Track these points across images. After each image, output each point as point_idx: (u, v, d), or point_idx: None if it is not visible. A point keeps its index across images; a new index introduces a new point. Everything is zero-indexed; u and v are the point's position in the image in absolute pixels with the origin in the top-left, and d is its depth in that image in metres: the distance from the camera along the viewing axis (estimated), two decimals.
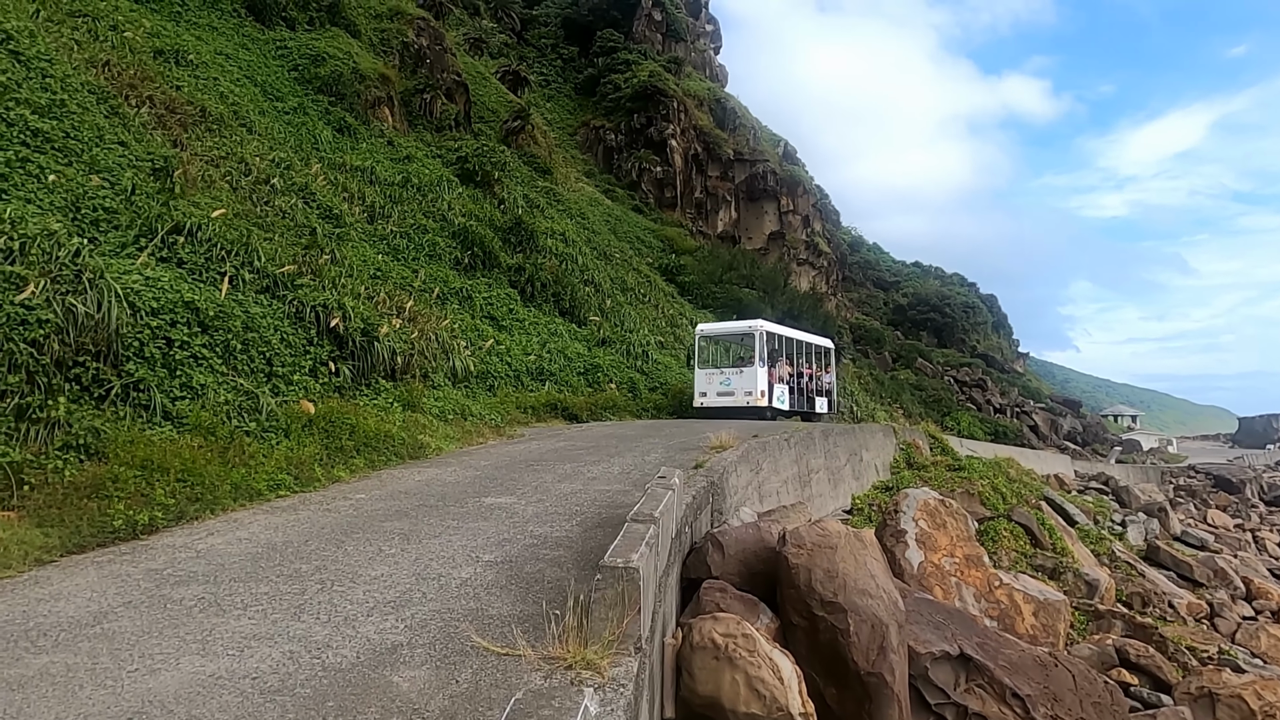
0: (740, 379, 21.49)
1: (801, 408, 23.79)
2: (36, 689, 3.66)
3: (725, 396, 21.21)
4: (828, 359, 27.72)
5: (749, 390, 21.23)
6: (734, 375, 21.67)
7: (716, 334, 24.09)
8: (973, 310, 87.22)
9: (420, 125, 29.75)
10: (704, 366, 22.51)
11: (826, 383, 26.77)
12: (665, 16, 63.45)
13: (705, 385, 21.66)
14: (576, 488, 9.22)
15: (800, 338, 25.59)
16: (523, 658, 4.02)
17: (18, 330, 7.48)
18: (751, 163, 58.22)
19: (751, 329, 22.48)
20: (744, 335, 23.19)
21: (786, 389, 23.01)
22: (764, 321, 23.27)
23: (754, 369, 21.55)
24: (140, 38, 17.99)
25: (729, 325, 24.99)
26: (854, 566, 7.06)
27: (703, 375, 21.94)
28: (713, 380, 21.63)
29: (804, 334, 26.63)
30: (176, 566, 5.76)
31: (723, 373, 21.92)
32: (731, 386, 21.34)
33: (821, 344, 27.29)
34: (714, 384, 21.54)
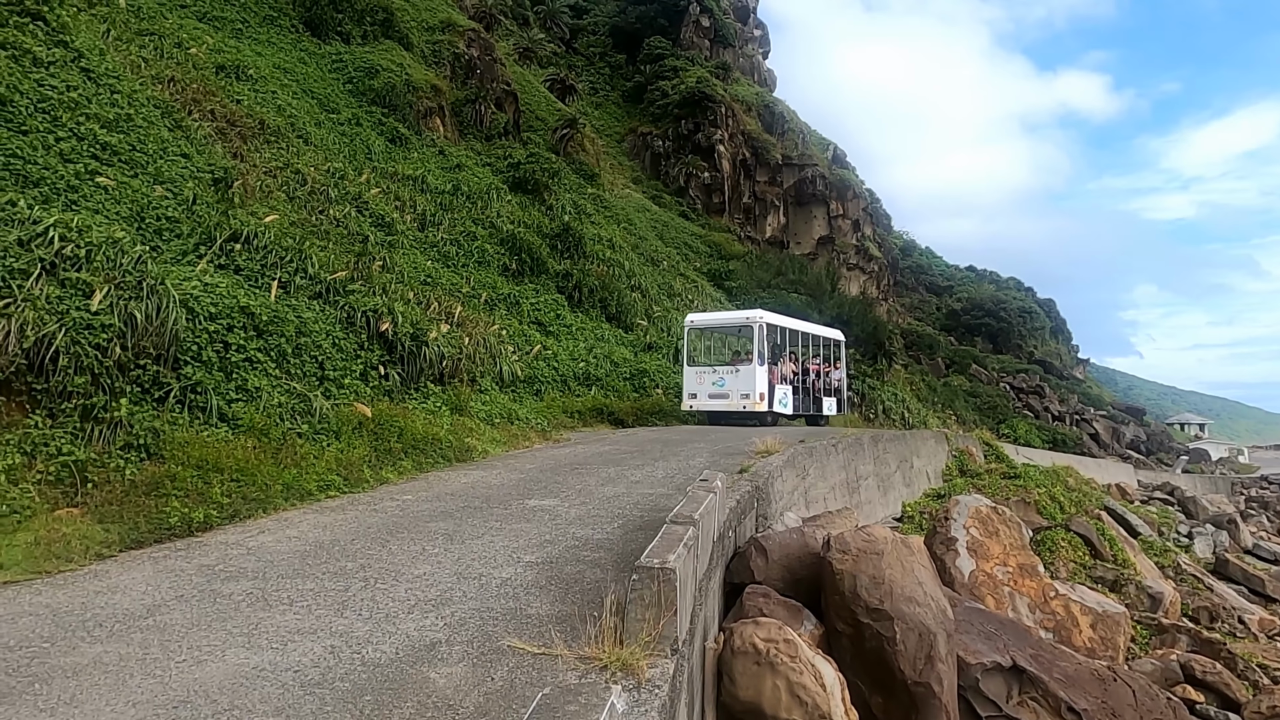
0: (736, 379, 18.76)
1: (807, 410, 21.39)
2: (90, 677, 3.79)
3: (718, 399, 18.66)
4: (837, 353, 24.59)
5: (746, 392, 18.54)
6: (729, 375, 18.88)
7: (709, 325, 21.37)
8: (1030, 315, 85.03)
9: (470, 134, 30.21)
10: (694, 364, 19.77)
11: (835, 380, 23.69)
12: (713, 22, 63.42)
13: (695, 385, 18.98)
14: (619, 491, 9.22)
15: (806, 329, 22.63)
16: (558, 657, 4.02)
17: (84, 334, 7.78)
18: (800, 167, 57.74)
19: (750, 321, 19.46)
20: (741, 328, 20.19)
21: (789, 390, 20.34)
22: (765, 312, 20.20)
23: (752, 368, 18.71)
24: (203, 54, 18.64)
25: (724, 316, 22.47)
26: (901, 573, 6.91)
27: (692, 374, 19.22)
28: (704, 380, 18.98)
29: (810, 325, 23.55)
30: (228, 563, 5.91)
31: (716, 371, 19.09)
32: (726, 387, 18.72)
33: (830, 336, 24.22)
34: (705, 384, 18.87)
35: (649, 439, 15.10)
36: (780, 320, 20.99)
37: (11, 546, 5.83)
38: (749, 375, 18.67)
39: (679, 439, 15.18)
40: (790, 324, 21.56)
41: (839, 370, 24.17)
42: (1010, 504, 15.41)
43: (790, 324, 21.56)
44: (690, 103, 52.59)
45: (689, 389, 18.91)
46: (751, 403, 18.46)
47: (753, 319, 19.36)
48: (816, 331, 23.21)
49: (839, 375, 24.05)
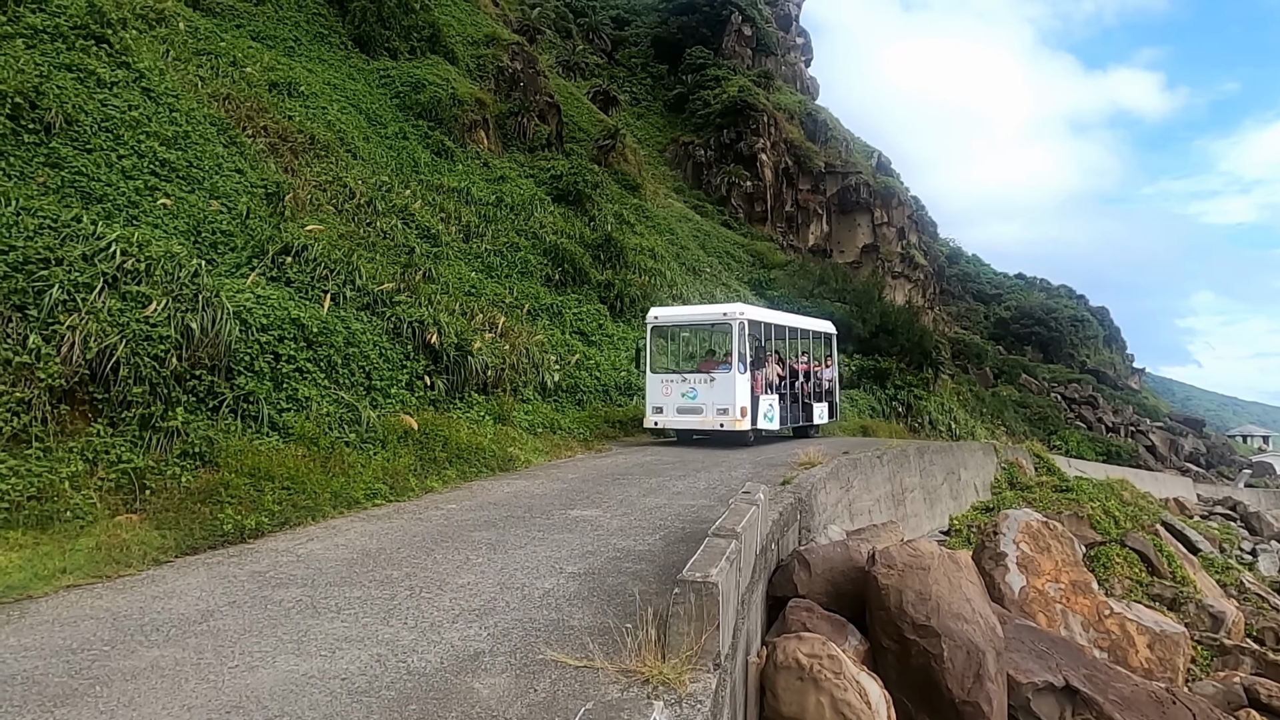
0: (711, 389, 15.28)
1: (795, 421, 18.11)
2: (147, 680, 3.90)
3: (689, 415, 15.32)
4: (828, 348, 21.31)
5: (724, 406, 15.09)
6: (702, 384, 15.37)
7: (677, 322, 17.37)
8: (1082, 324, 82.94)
9: (514, 146, 30.57)
10: (660, 370, 16.27)
11: (826, 381, 20.42)
12: (755, 31, 63.31)
13: (660, 397, 15.55)
14: (661, 502, 9.22)
15: (792, 323, 19.28)
16: (600, 670, 4.02)
17: (143, 346, 8.04)
18: (843, 175, 57.25)
19: (728, 317, 15.89)
20: (716, 325, 16.94)
21: (775, 399, 16.97)
22: (745, 306, 16.94)
23: (731, 375, 15.20)
24: (257, 72, 19.18)
25: (695, 310, 18.47)
26: (948, 589, 6.78)
27: (657, 382, 15.70)
28: (671, 390, 15.48)
29: (795, 318, 20.34)
30: (278, 570, 6.04)
31: (686, 379, 15.59)
32: (698, 400, 15.28)
33: (818, 329, 20.67)
34: (673, 395, 15.42)
35: (690, 449, 15.07)
36: (763, 314, 17.75)
37: (74, 551, 6.04)
38: (727, 384, 15.16)
39: (721, 450, 15.12)
40: (774, 318, 18.30)
41: (830, 369, 20.93)
42: (1062, 518, 15.01)
43: (774, 318, 18.30)
44: (732, 112, 52.50)
45: (653, 400, 15.63)
46: (731, 419, 14.99)
47: (731, 315, 15.79)
48: (803, 324, 19.88)
49: (830, 375, 20.78)
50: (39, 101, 11.02)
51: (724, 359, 16.26)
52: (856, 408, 29.56)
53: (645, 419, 15.71)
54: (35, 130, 10.87)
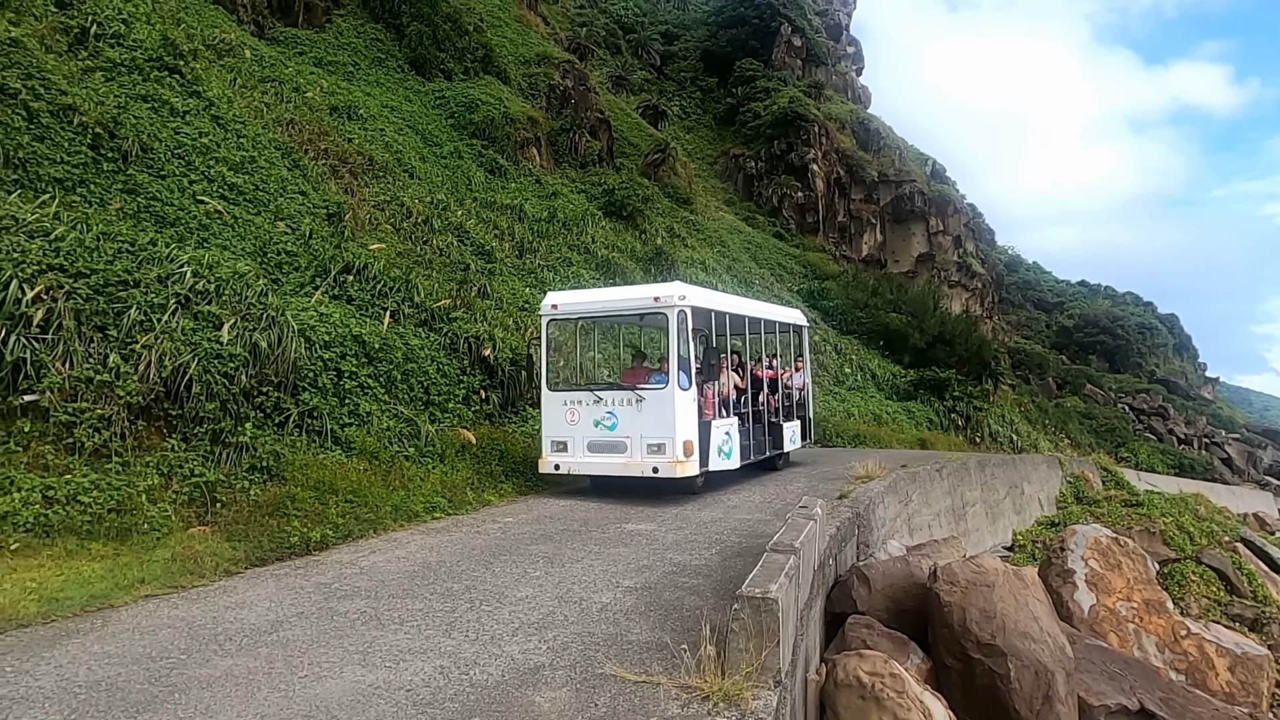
0: (639, 414, 10.29)
1: (760, 451, 12.68)
2: (222, 688, 4.03)
3: (607, 454, 10.42)
4: (798, 345, 16.11)
5: (658, 439, 10.13)
6: (625, 406, 10.41)
7: (587, 311, 11.71)
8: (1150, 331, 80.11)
9: (566, 163, 30.93)
10: (561, 386, 11.45)
11: (797, 391, 15.11)
12: (805, 42, 63.04)
13: (563, 427, 10.66)
14: (716, 516, 9.18)
15: (754, 312, 13.92)
16: (660, 686, 4.02)
17: (214, 364, 8.34)
18: (897, 184, 56.49)
19: (662, 302, 10.58)
20: (646, 314, 11.58)
21: (733, 424, 11.65)
22: (688, 287, 11.22)
23: (669, 393, 10.21)
24: (318, 96, 19.80)
25: (613, 295, 12.13)
26: (1014, 607, 6.60)
27: (557, 404, 10.78)
28: (579, 416, 10.57)
29: (757, 304, 15.30)
30: (343, 581, 6.18)
31: (601, 400, 10.54)
32: (619, 430, 10.39)
33: (787, 320, 15.46)
34: (582, 424, 10.55)
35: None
36: (713, 299, 12.09)
37: (152, 562, 6.28)
38: (663, 406, 10.16)
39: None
40: (728, 304, 12.82)
41: (802, 374, 15.51)
42: (1133, 534, 14.49)
43: (728, 304, 12.82)
44: (782, 123, 52.29)
45: (552, 431, 10.68)
46: (669, 459, 9.98)
47: (666, 299, 10.51)
48: (767, 313, 14.65)
49: (802, 382, 15.36)
50: (117, 131, 11.56)
51: (658, 366, 11.21)
52: (914, 419, 29.02)
53: (541, 459, 10.61)
54: (114, 159, 11.39)
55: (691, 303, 10.62)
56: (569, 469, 10.62)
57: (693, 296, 10.77)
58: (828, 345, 33.13)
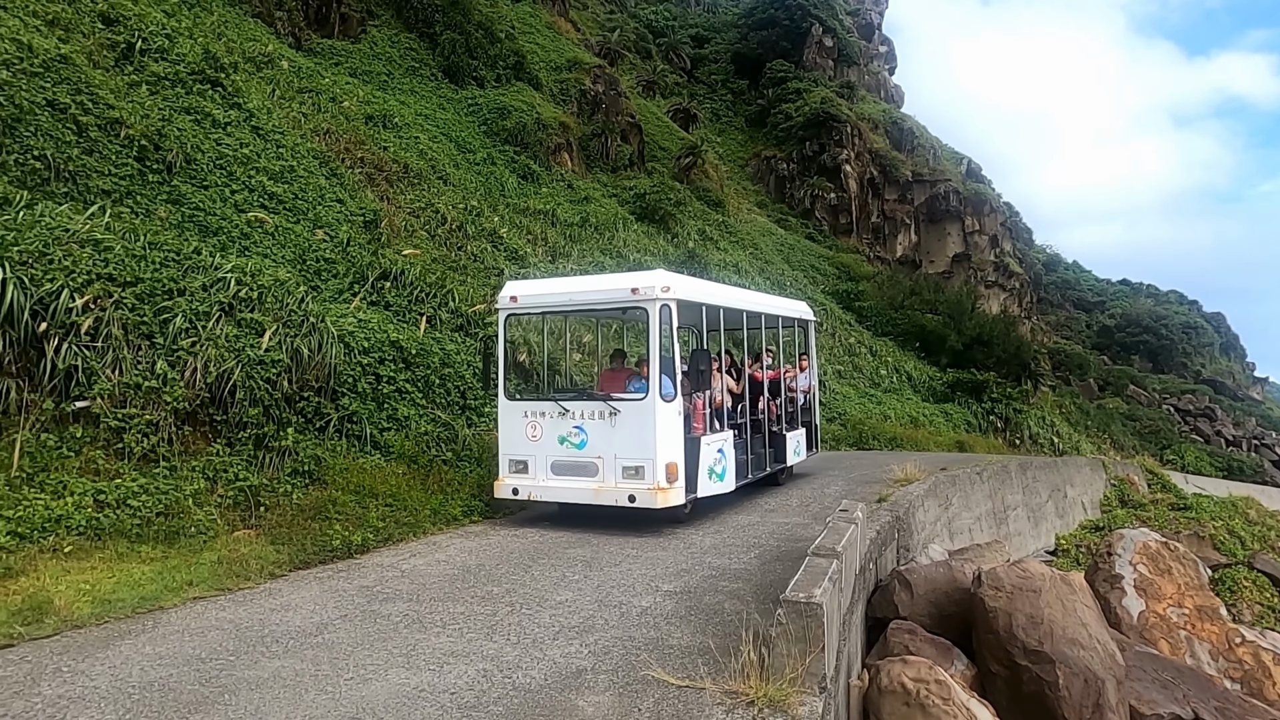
0: (613, 430, 8.68)
1: (759, 467, 10.98)
2: (271, 690, 4.09)
3: (575, 477, 8.75)
4: (803, 341, 14.02)
5: (635, 460, 8.50)
6: (596, 420, 8.82)
7: (552, 304, 9.79)
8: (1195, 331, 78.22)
9: (597, 167, 31.03)
10: (521, 394, 10.43)
11: (802, 393, 13.24)
12: (836, 42, 62.62)
13: (524, 443, 9.06)
14: (753, 519, 9.12)
15: (753, 304, 11.78)
16: (704, 690, 4.00)
17: (257, 370, 8.49)
18: (931, 183, 55.83)
19: (641, 295, 8.80)
20: (626, 309, 9.72)
21: (728, 438, 9.83)
22: (670, 275, 9.19)
23: (649, 403, 8.55)
24: (354, 106, 20.10)
25: (584, 286, 10.08)
26: (1061, 613, 6.46)
27: (516, 416, 9.19)
28: (542, 431, 9.00)
29: (756, 296, 13.18)
30: (384, 584, 6.24)
31: (567, 411, 8.92)
32: (588, 449, 8.77)
33: (791, 313, 13.30)
34: (545, 440, 8.98)
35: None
36: (702, 291, 10.26)
37: (199, 564, 6.40)
38: (641, 420, 8.51)
39: (812, 466, 14.85)
40: (721, 296, 10.82)
41: (807, 374, 13.62)
42: (1181, 538, 14.13)
43: (721, 296, 10.82)
44: (814, 124, 51.98)
45: (510, 449, 9.09)
46: (649, 485, 8.29)
47: (646, 289, 8.72)
48: (767, 307, 12.45)
49: (807, 384, 13.54)
50: (162, 143, 11.82)
51: (636, 371, 9.66)
52: (951, 422, 28.61)
53: (497, 482, 9.03)
54: (159, 170, 11.65)
55: (677, 295, 8.72)
56: (529, 494, 8.85)
57: (678, 287, 8.89)
58: (862, 347, 32.81)
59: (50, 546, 6.29)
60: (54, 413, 7.17)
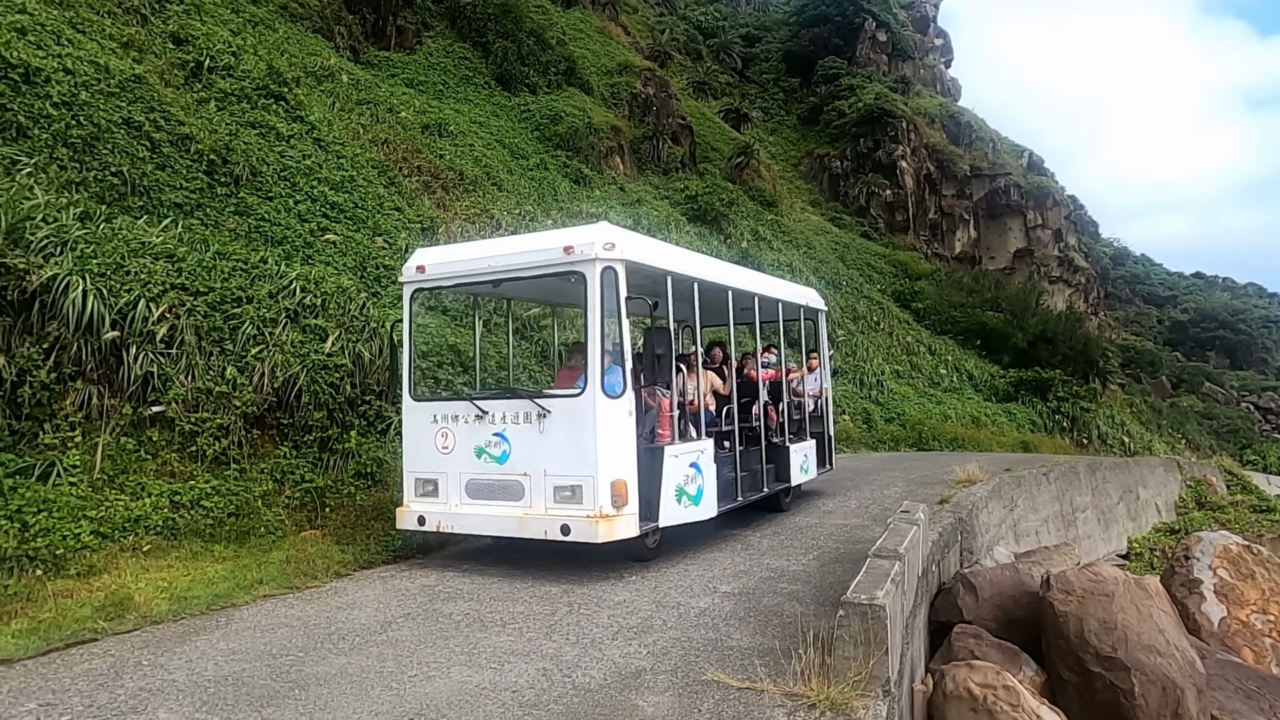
0: (540, 438, 6.69)
1: (755, 487, 8.93)
2: (338, 686, 4.19)
3: (494, 499, 6.83)
4: (812, 335, 12.21)
5: (569, 476, 6.50)
6: (521, 427, 6.80)
7: (470, 274, 7.42)
8: (1276, 325, 74.69)
9: (649, 169, 31.09)
10: (429, 395, 8.78)
11: (812, 398, 11.25)
12: (890, 36, 61.60)
13: (433, 457, 7.19)
14: (811, 521, 9.02)
15: (741, 284, 9.39)
16: (764, 693, 3.96)
17: (321, 375, 8.72)
18: (991, 177, 54.49)
19: (578, 254, 6.64)
20: (556, 274, 6.98)
21: (708, 450, 7.67)
22: (617, 231, 6.99)
23: (587, 400, 6.51)
24: (411, 116, 20.51)
25: (506, 249, 7.45)
26: (1136, 618, 6.22)
27: (424, 421, 7.32)
28: (454, 439, 7.11)
29: (745, 274, 10.28)
30: (445, 584, 6.34)
31: (486, 414, 6.95)
32: (511, 463, 6.80)
33: (795, 299, 11.09)
34: (459, 452, 7.07)
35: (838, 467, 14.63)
36: (666, 257, 7.95)
37: (268, 564, 6.60)
38: (578, 424, 6.59)
39: (870, 467, 14.62)
40: (694, 266, 8.36)
41: (817, 375, 11.62)
42: (1264, 541, 13.49)
43: (694, 266, 8.36)
44: (869, 120, 51.21)
45: (415, 464, 7.34)
46: (587, 510, 6.38)
47: (584, 248, 6.69)
48: (763, 288, 10.18)
49: (818, 386, 11.52)
50: (229, 157, 12.24)
51: (575, 362, 7.71)
52: (1015, 422, 27.86)
53: (400, 509, 7.25)
54: (226, 183, 12.07)
55: (626, 255, 6.68)
56: (438, 524, 6.93)
57: (628, 247, 6.82)
58: (921, 346, 32.19)
59: (130, 545, 6.57)
60: (132, 417, 7.47)
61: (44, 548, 6.08)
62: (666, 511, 6.90)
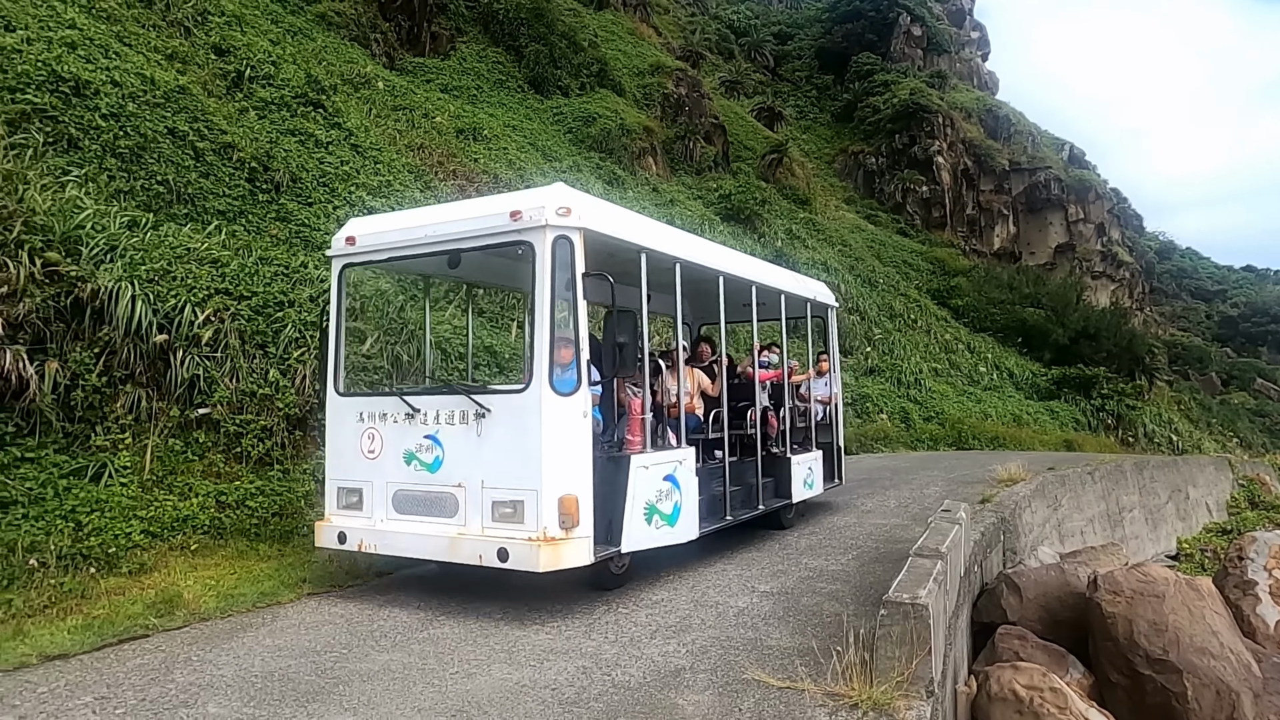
0: (477, 444, 5.59)
1: (750, 504, 7.88)
2: (381, 682, 4.24)
3: (423, 514, 5.79)
4: (819, 333, 10.93)
5: (509, 490, 5.40)
6: (456, 429, 5.70)
7: (407, 247, 6.25)
8: None
9: (681, 170, 31.05)
10: (357, 390, 7.74)
11: (820, 404, 10.15)
12: (925, 31, 60.83)
13: (361, 461, 6.16)
14: (849, 521, 8.95)
15: (734, 269, 8.10)
16: (805, 692, 3.93)
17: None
18: (1030, 171, 53.53)
19: (525, 220, 5.49)
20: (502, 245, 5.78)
21: (688, 460, 6.61)
22: (571, 193, 5.78)
23: (531, 401, 5.38)
24: (445, 121, 20.74)
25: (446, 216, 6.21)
26: (1188, 620, 6.06)
27: (349, 420, 6.32)
28: (382, 441, 6.06)
29: (739, 259, 8.88)
30: (483, 582, 6.39)
31: (417, 411, 5.90)
32: (444, 471, 5.73)
33: (800, 292, 9.75)
34: (388, 456, 6.01)
35: (875, 466, 14.50)
36: (634, 228, 6.64)
37: (312, 562, 6.71)
38: (521, 424, 5.44)
39: (908, 466, 14.45)
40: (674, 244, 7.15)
41: (826, 380, 10.41)
42: None
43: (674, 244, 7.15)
44: (904, 116, 50.62)
45: (340, 472, 6.38)
46: (530, 531, 5.27)
47: (532, 213, 5.51)
48: (761, 276, 8.84)
49: (826, 391, 10.36)
50: (270, 164, 12.48)
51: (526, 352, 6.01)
52: (1058, 420, 27.33)
53: (319, 523, 6.32)
54: (267, 189, 12.30)
55: (585, 224, 5.63)
56: (361, 544, 5.96)
57: (586, 213, 5.75)
58: (959, 344, 31.73)
59: (179, 544, 6.73)
60: (179, 419, 7.65)
61: (97, 546, 6.25)
62: (633, 534, 5.79)
